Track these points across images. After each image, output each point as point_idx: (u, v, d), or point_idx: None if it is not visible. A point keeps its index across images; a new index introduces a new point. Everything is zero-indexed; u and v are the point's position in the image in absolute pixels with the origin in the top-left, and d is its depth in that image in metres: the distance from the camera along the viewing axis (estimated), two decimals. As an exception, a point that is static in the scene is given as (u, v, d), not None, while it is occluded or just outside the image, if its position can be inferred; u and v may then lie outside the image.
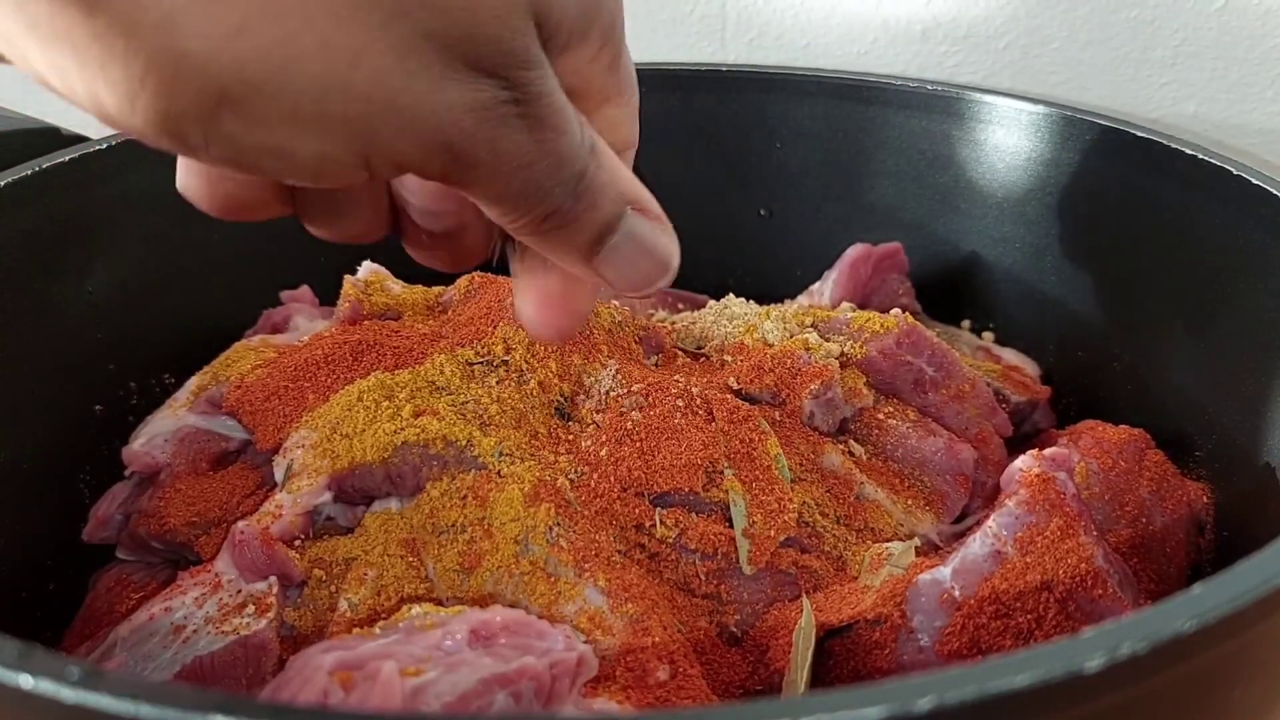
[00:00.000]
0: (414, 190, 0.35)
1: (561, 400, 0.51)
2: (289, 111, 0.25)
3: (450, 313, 0.59)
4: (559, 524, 0.43)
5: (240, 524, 0.45)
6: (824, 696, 0.24)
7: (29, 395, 0.54)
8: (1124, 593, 0.42)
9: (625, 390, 0.50)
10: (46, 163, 0.57)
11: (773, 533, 0.46)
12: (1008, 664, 0.25)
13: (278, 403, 0.52)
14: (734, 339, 0.56)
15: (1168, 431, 0.56)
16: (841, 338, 0.55)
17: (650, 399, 0.49)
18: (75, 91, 0.25)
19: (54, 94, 0.26)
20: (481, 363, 0.52)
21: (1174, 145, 0.58)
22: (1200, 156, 0.56)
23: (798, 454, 0.50)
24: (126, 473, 0.54)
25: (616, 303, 0.59)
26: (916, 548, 0.47)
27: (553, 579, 0.42)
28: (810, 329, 0.56)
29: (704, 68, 0.75)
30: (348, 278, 0.61)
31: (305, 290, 0.66)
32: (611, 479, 0.46)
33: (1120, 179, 0.61)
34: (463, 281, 0.60)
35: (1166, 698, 0.29)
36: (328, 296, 0.64)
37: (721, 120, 0.74)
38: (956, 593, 0.42)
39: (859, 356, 0.54)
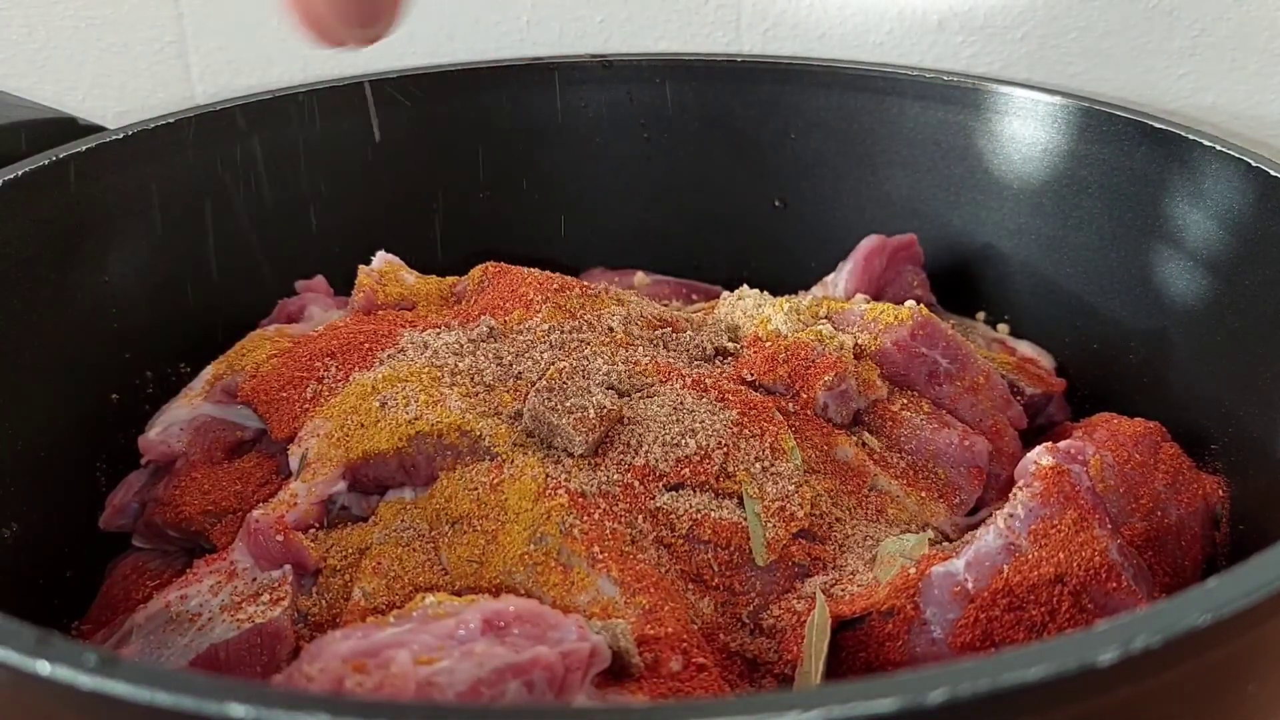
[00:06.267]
0: None
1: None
2: None
3: (464, 303, 0.60)
4: (572, 514, 0.43)
5: (255, 512, 0.45)
6: (837, 688, 0.24)
7: (46, 384, 0.55)
8: (1138, 586, 0.42)
9: (639, 381, 0.50)
10: (63, 152, 0.57)
11: (786, 524, 0.46)
12: (1021, 657, 0.25)
13: (293, 392, 0.52)
14: (747, 330, 0.56)
15: (1183, 424, 0.55)
16: (855, 329, 0.55)
17: (663, 389, 0.49)
18: None
19: None
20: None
21: (1192, 136, 0.58)
22: (1218, 148, 0.56)
23: (811, 446, 0.50)
24: (143, 461, 0.55)
25: (633, 295, 0.59)
26: (930, 540, 0.47)
27: (566, 569, 0.42)
28: (824, 320, 0.56)
29: (719, 58, 0.74)
30: (362, 268, 0.61)
31: (320, 280, 0.66)
32: (625, 470, 0.46)
33: (1137, 170, 0.61)
34: (476, 271, 0.60)
35: (1180, 692, 0.29)
36: (342, 286, 0.64)
37: (736, 111, 0.74)
38: (969, 585, 0.42)
39: (873, 348, 0.54)
